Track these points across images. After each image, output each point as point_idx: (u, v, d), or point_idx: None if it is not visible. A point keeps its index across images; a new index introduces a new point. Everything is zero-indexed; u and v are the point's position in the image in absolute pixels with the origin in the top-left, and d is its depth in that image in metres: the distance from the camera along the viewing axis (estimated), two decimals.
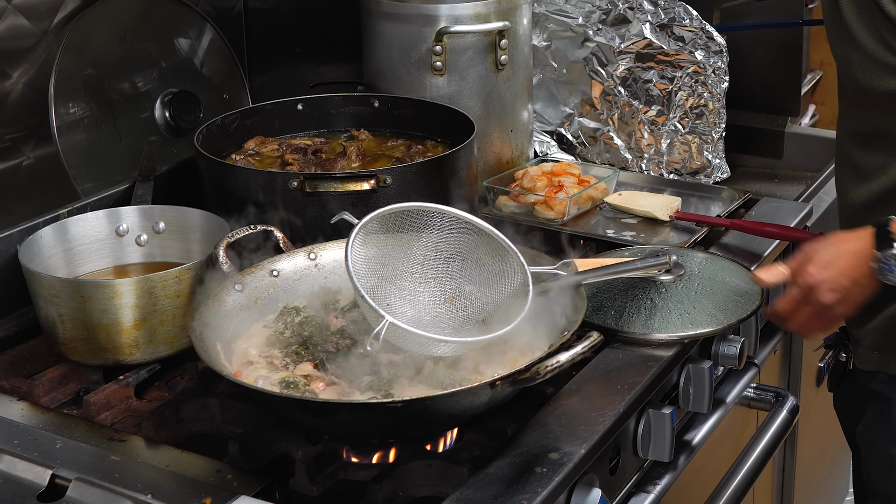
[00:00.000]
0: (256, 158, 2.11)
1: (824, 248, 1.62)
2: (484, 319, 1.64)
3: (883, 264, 1.56)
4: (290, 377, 1.57)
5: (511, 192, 2.21)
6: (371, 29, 2.26)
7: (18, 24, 1.99)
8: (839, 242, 1.62)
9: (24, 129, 2.04)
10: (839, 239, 1.63)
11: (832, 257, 1.60)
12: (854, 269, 1.60)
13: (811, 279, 1.60)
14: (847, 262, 1.60)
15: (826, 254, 1.61)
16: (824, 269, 1.60)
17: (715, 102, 2.43)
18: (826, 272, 1.60)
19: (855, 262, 1.59)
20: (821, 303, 1.61)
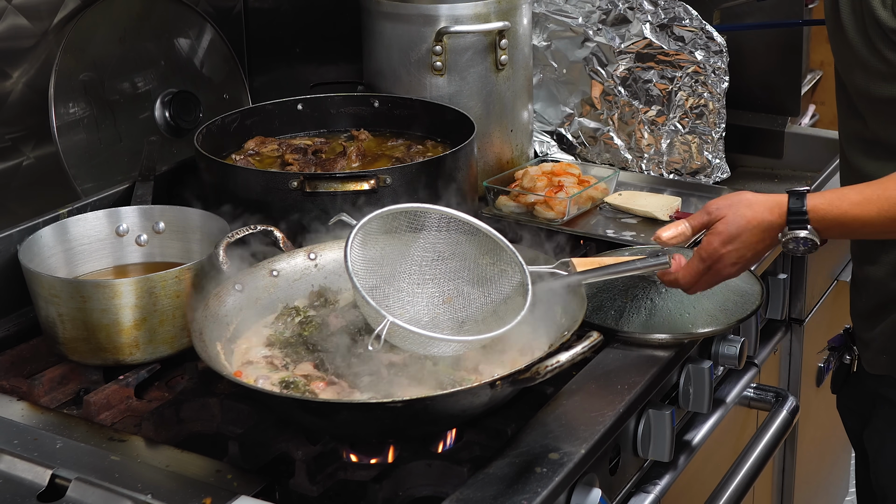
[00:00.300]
0: (256, 158, 2.11)
1: (732, 218, 1.59)
2: (483, 319, 1.64)
3: (791, 241, 1.56)
4: (290, 377, 1.57)
5: (511, 192, 2.21)
6: (371, 29, 2.26)
7: (18, 24, 1.99)
8: (747, 211, 1.59)
9: (24, 129, 2.04)
10: (747, 206, 1.60)
11: (738, 230, 1.58)
12: (759, 244, 1.59)
13: (715, 254, 1.59)
14: (753, 237, 1.58)
15: (733, 226, 1.58)
16: (729, 242, 1.58)
17: (715, 102, 2.43)
18: (731, 246, 1.58)
19: (761, 237, 1.58)
20: (721, 274, 1.61)
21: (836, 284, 2.57)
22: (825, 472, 2.81)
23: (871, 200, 1.54)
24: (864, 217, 1.54)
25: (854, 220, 1.55)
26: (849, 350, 1.92)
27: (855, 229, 1.58)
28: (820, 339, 2.52)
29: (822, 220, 1.55)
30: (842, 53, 1.67)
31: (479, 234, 1.63)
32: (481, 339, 1.55)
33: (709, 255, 1.60)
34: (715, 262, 1.60)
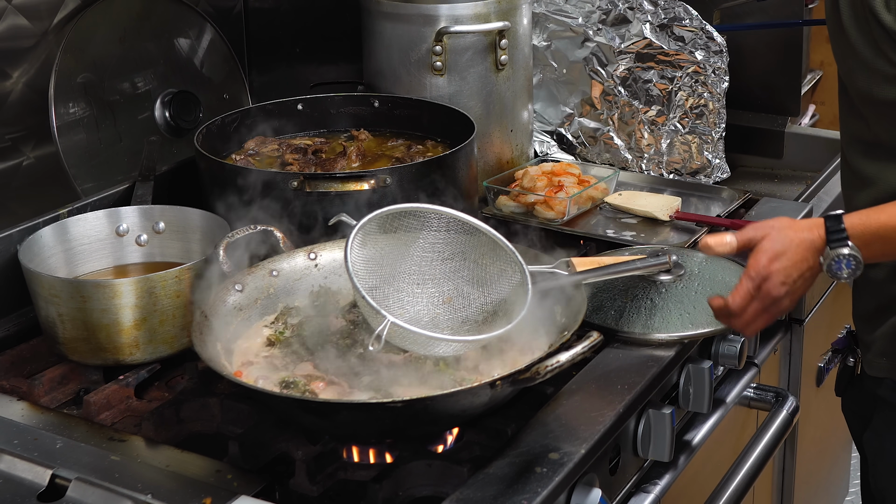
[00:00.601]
0: (256, 158, 2.11)
1: (776, 236, 1.57)
2: (483, 320, 1.64)
3: (833, 262, 1.54)
4: (290, 377, 1.57)
5: (511, 192, 2.21)
6: (371, 29, 2.26)
7: (18, 24, 1.99)
8: (789, 231, 1.57)
9: (24, 129, 2.04)
10: (789, 226, 1.58)
11: (784, 248, 1.56)
12: (803, 263, 1.56)
13: (764, 271, 1.56)
14: (798, 255, 1.56)
15: (778, 244, 1.56)
16: (776, 260, 1.56)
17: (715, 102, 2.43)
18: (777, 263, 1.56)
19: (804, 255, 1.56)
20: (771, 296, 1.57)
21: (836, 284, 2.56)
22: (825, 472, 2.81)
23: None
24: None
25: (894, 230, 1.54)
26: (852, 352, 1.91)
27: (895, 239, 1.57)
28: (820, 339, 2.52)
29: (861, 235, 1.53)
30: (843, 56, 1.67)
31: (478, 234, 1.63)
32: (482, 338, 1.55)
33: (757, 273, 1.57)
34: (763, 280, 1.56)
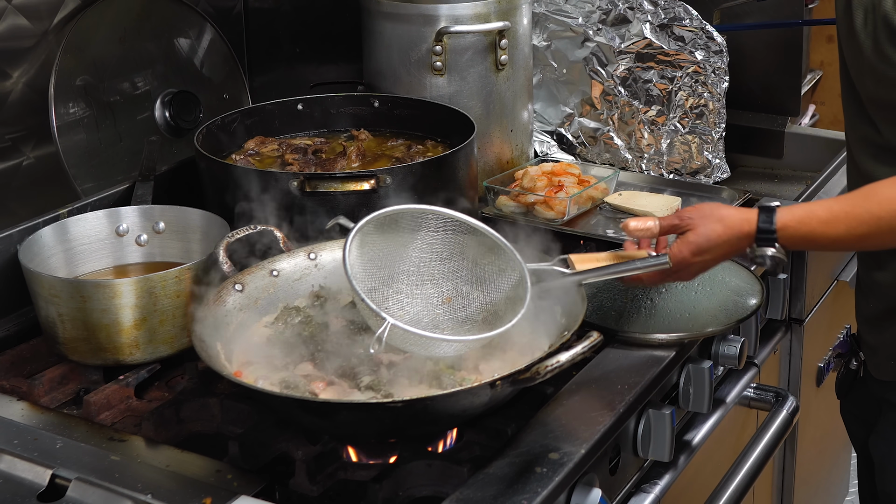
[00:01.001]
0: (256, 158, 2.11)
1: (703, 231, 1.60)
2: (483, 319, 1.64)
3: (758, 257, 1.57)
4: (290, 377, 1.57)
5: (511, 192, 2.21)
6: (371, 29, 2.26)
7: (18, 24, 1.99)
8: (717, 226, 1.60)
9: (24, 129, 2.04)
10: (718, 220, 1.60)
11: (709, 244, 1.60)
12: (724, 257, 1.62)
13: (684, 262, 1.61)
14: (721, 251, 1.60)
15: (703, 239, 1.60)
16: (699, 254, 1.60)
17: (715, 102, 2.43)
18: (699, 258, 1.61)
19: (727, 252, 1.61)
20: (681, 278, 1.65)
21: (836, 284, 2.56)
22: (825, 472, 2.81)
23: (839, 219, 1.55)
24: (831, 235, 1.56)
25: (822, 238, 1.57)
26: (855, 356, 1.90)
27: (824, 245, 1.61)
28: (820, 339, 2.52)
29: (790, 238, 1.56)
30: (854, 59, 1.66)
31: (477, 234, 1.63)
32: (482, 338, 1.55)
33: (677, 263, 1.62)
34: (682, 267, 1.62)
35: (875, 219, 1.53)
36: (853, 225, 1.54)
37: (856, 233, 1.54)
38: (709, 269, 1.64)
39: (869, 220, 1.53)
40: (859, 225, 1.54)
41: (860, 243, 1.59)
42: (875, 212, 1.53)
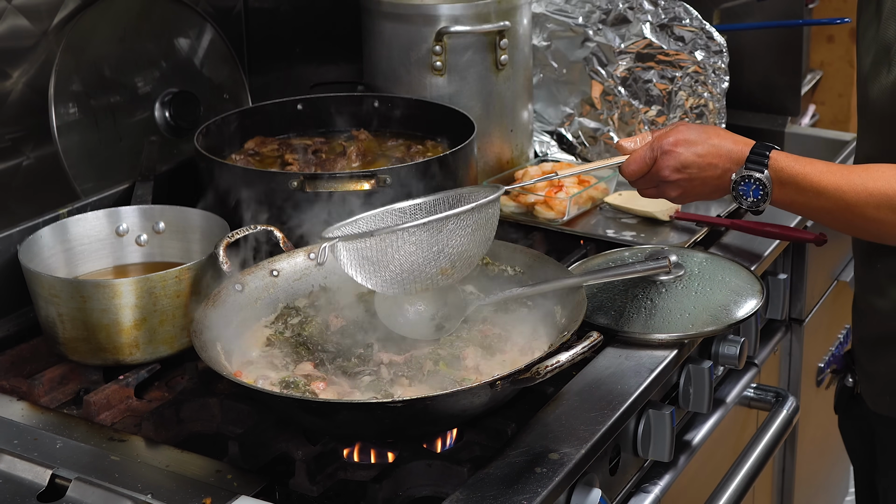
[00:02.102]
0: (256, 158, 2.11)
1: (696, 128, 1.57)
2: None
3: (742, 182, 1.53)
4: (290, 377, 1.57)
5: (511, 191, 2.21)
6: (371, 29, 2.26)
7: (18, 24, 1.99)
8: (712, 133, 1.56)
9: (24, 129, 2.04)
10: (715, 133, 1.57)
11: (697, 140, 1.55)
12: (709, 168, 1.56)
13: (666, 146, 1.57)
14: (708, 154, 1.56)
15: (693, 134, 1.56)
16: (683, 144, 1.56)
17: (715, 102, 2.43)
18: (682, 148, 1.56)
19: (715, 161, 1.56)
20: (660, 175, 1.59)
21: (836, 284, 2.57)
22: (825, 472, 2.81)
23: (833, 172, 1.51)
24: (820, 185, 1.51)
25: (811, 186, 1.52)
26: (851, 371, 1.86)
27: (809, 198, 1.54)
28: (820, 339, 2.52)
29: (780, 170, 1.52)
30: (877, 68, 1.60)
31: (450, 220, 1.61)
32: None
33: (659, 146, 1.57)
34: (662, 154, 1.57)
35: (866, 192, 1.50)
36: (843, 188, 1.50)
37: (844, 198, 1.50)
38: (690, 179, 1.57)
39: (860, 190, 1.50)
40: (849, 189, 1.50)
41: (844, 214, 1.53)
42: (868, 185, 1.50)
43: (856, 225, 1.56)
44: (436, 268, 1.57)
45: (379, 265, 1.55)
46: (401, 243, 1.53)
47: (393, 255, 1.54)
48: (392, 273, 1.56)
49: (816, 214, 1.59)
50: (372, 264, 1.56)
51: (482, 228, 1.60)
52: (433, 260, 1.56)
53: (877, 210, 1.50)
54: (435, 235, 1.55)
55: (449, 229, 1.55)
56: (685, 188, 1.59)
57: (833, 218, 1.56)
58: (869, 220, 1.52)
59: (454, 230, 1.56)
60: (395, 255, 1.54)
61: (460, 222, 1.56)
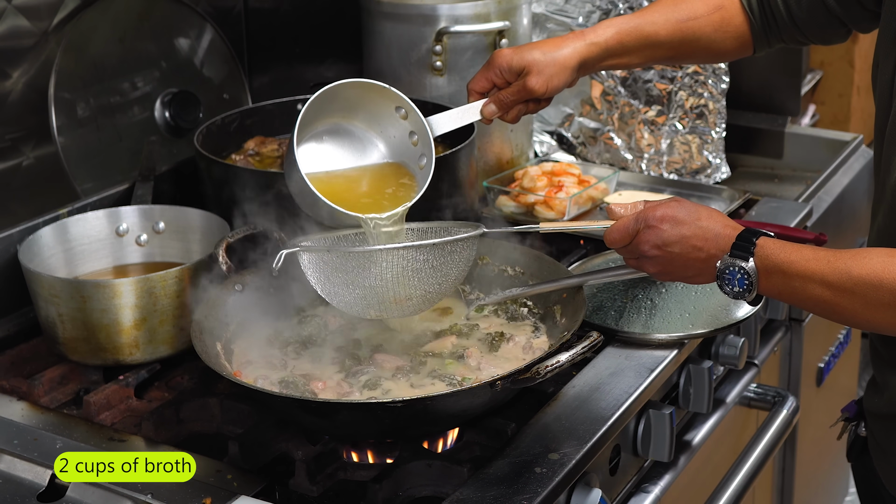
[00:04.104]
0: (256, 158, 2.11)
1: (688, 206, 1.48)
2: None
3: (728, 270, 1.43)
4: (290, 377, 1.57)
5: (511, 192, 2.21)
6: (371, 29, 2.26)
7: (18, 24, 1.99)
8: (703, 214, 1.47)
9: (24, 129, 2.04)
10: (708, 215, 1.47)
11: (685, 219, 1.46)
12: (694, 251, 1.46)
13: (651, 220, 1.47)
14: (694, 237, 1.46)
15: (682, 212, 1.47)
16: (668, 222, 1.47)
17: (715, 102, 2.43)
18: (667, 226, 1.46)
19: (701, 244, 1.46)
20: (640, 250, 1.49)
21: None
22: (825, 472, 2.81)
23: (820, 260, 1.41)
24: (806, 273, 1.41)
25: (797, 274, 1.42)
26: (863, 419, 1.73)
27: (795, 287, 1.43)
28: (820, 339, 2.52)
29: (766, 258, 1.42)
30: None
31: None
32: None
33: (644, 219, 1.49)
34: (645, 228, 1.48)
35: (852, 280, 1.39)
36: (829, 275, 1.40)
37: (831, 283, 1.40)
38: (671, 259, 1.48)
39: (846, 279, 1.39)
40: (836, 277, 1.39)
41: (834, 300, 1.41)
42: (854, 272, 1.38)
43: (847, 314, 1.44)
44: (396, 295, 1.54)
45: (339, 282, 1.53)
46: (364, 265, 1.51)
47: (355, 276, 1.52)
48: (351, 293, 1.54)
49: (808, 305, 1.46)
50: (331, 280, 1.54)
51: (455, 266, 1.56)
52: (393, 288, 1.53)
53: (864, 301, 1.40)
54: (401, 263, 1.52)
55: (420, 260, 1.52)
56: (664, 266, 1.50)
57: (822, 308, 1.45)
58: (858, 313, 1.42)
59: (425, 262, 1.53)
60: (358, 275, 1.52)
61: (435, 255, 1.53)
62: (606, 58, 1.74)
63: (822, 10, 1.69)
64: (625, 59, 1.76)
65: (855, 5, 1.65)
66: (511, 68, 1.69)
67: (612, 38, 1.73)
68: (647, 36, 1.74)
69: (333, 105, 1.61)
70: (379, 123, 1.66)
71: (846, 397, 2.59)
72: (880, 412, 1.63)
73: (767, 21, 1.74)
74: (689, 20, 1.74)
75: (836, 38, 1.76)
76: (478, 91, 1.72)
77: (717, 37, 1.75)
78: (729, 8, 1.75)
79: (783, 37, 1.76)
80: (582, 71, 1.73)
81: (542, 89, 1.68)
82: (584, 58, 1.71)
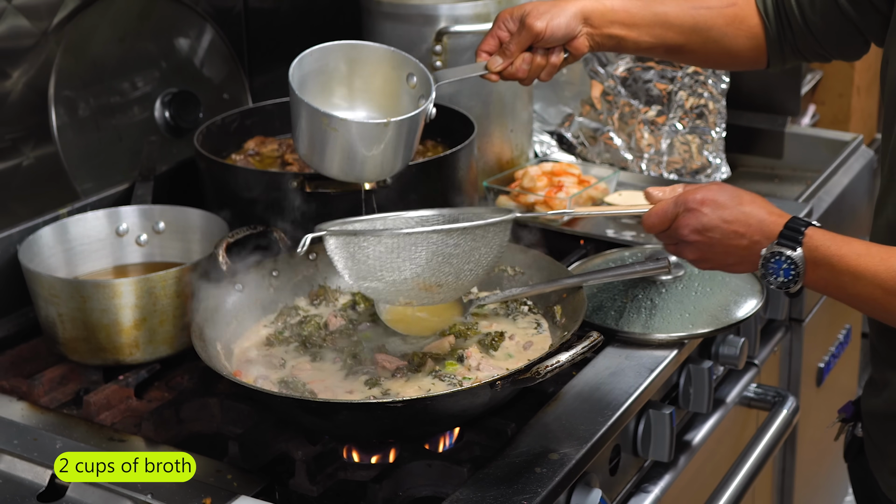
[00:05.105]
0: (256, 158, 2.11)
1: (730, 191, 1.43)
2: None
3: (772, 259, 1.38)
4: (290, 377, 1.57)
5: (511, 192, 2.21)
6: (371, 29, 2.26)
7: (18, 24, 1.99)
8: (746, 199, 1.42)
9: (24, 129, 2.04)
10: (751, 200, 1.43)
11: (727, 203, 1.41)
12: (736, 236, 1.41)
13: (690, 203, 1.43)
14: (737, 222, 1.41)
15: (724, 196, 1.42)
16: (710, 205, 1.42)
17: (715, 102, 2.43)
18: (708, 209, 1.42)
19: (744, 230, 1.41)
20: (679, 234, 1.45)
21: None
22: (825, 472, 2.81)
23: (872, 255, 1.36)
24: (857, 270, 1.36)
25: (847, 270, 1.37)
26: (860, 420, 1.72)
27: (844, 283, 1.38)
28: (820, 339, 2.52)
29: (815, 249, 1.37)
30: None
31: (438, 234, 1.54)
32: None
33: (683, 202, 1.43)
34: (684, 211, 1.43)
35: None
36: (883, 274, 1.35)
37: (884, 283, 1.35)
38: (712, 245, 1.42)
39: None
40: (891, 276, 1.34)
41: (886, 299, 1.36)
42: None
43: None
44: (426, 282, 1.52)
45: (368, 268, 1.51)
46: (393, 250, 1.49)
47: (384, 261, 1.50)
48: (379, 279, 1.52)
49: (854, 301, 1.42)
50: (359, 266, 1.51)
51: (487, 252, 1.53)
52: (424, 274, 1.51)
53: None
54: (432, 248, 1.49)
55: (451, 244, 1.49)
56: (704, 253, 1.44)
57: (872, 307, 1.40)
58: None
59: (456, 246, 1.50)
60: (387, 261, 1.50)
61: (466, 239, 1.50)
62: (613, 22, 1.70)
63: (837, 14, 1.65)
64: (634, 33, 1.71)
65: (868, 8, 1.62)
66: (513, 16, 1.69)
67: (617, 3, 1.70)
68: (657, 12, 1.71)
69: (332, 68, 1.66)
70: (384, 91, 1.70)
71: (846, 397, 2.58)
72: (879, 411, 1.62)
73: (782, 25, 1.71)
74: (701, 8, 1.72)
75: (852, 51, 1.71)
76: (486, 51, 1.71)
77: (729, 31, 1.72)
78: (743, 7, 1.72)
79: (798, 45, 1.72)
80: (586, 25, 1.69)
81: (543, 25, 1.65)
82: (587, 10, 1.69)
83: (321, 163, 1.65)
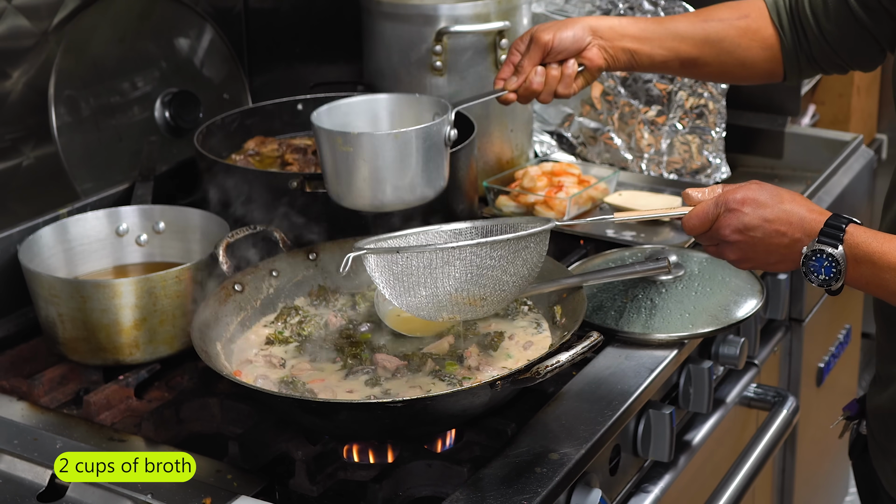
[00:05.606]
0: (256, 158, 2.11)
1: (770, 189, 1.43)
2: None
3: (814, 257, 1.38)
4: (290, 377, 1.57)
5: (511, 192, 2.21)
6: (371, 29, 2.26)
7: (18, 24, 1.99)
8: (786, 197, 1.42)
9: (24, 129, 2.04)
10: (791, 198, 1.42)
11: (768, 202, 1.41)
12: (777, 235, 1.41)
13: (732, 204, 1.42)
14: (778, 221, 1.41)
15: (764, 195, 1.42)
16: (751, 204, 1.41)
17: (715, 102, 2.43)
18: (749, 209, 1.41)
19: (785, 228, 1.41)
20: (720, 234, 1.45)
21: None
22: (825, 472, 2.81)
23: None
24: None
25: (889, 267, 1.36)
26: (864, 417, 1.72)
27: (886, 280, 1.37)
28: (820, 339, 2.52)
29: (856, 246, 1.37)
30: None
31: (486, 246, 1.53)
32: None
33: (724, 202, 1.43)
34: (726, 212, 1.43)
35: None
36: None
37: None
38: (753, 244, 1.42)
39: None
40: None
41: None
42: None
43: None
44: (470, 295, 1.52)
45: (410, 284, 1.50)
46: (436, 265, 1.48)
47: (427, 276, 1.49)
48: (422, 295, 1.51)
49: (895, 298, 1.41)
50: (401, 282, 1.51)
51: (527, 262, 1.53)
52: (466, 288, 1.50)
53: None
54: (474, 261, 1.49)
55: (493, 257, 1.49)
56: (746, 252, 1.44)
57: None
58: None
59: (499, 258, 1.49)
60: (429, 276, 1.49)
61: (508, 250, 1.49)
62: (624, 36, 1.76)
63: (851, 21, 1.65)
64: (647, 46, 1.76)
65: (882, 15, 1.62)
66: (522, 39, 1.79)
67: (624, 19, 1.77)
68: (668, 27, 1.75)
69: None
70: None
71: (846, 397, 2.58)
72: (884, 408, 1.61)
73: (797, 35, 1.71)
74: (712, 20, 1.75)
75: (868, 59, 1.71)
76: (503, 78, 1.81)
77: (742, 42, 1.73)
78: (756, 18, 1.73)
79: (814, 54, 1.72)
80: (596, 37, 1.76)
81: (550, 36, 1.74)
82: (594, 23, 1.77)
83: (348, 193, 1.70)
